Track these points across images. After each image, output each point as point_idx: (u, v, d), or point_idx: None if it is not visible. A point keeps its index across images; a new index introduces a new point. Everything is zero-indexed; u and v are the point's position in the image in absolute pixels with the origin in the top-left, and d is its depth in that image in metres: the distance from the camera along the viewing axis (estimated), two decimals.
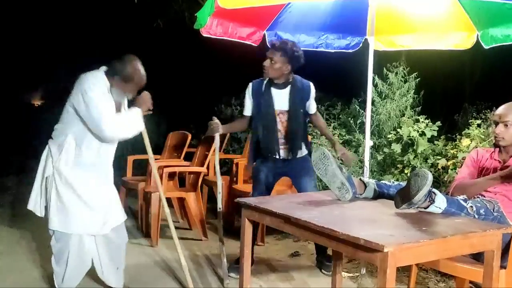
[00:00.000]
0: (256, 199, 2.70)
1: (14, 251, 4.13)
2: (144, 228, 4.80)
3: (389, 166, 4.95)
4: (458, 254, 2.20)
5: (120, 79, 2.87)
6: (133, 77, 2.89)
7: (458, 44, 3.98)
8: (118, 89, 2.90)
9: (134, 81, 2.90)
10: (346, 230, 1.86)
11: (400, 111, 5.37)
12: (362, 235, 1.78)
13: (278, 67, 3.44)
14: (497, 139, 2.63)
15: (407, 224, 2.05)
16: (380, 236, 1.79)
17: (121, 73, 2.86)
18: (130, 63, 2.89)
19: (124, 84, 2.89)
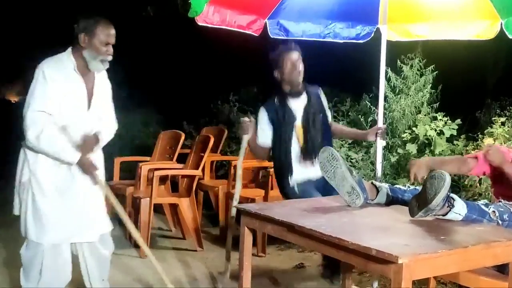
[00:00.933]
0: (256, 205, 2.71)
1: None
2: (133, 237, 4.79)
3: (403, 168, 4.95)
4: (481, 266, 2.20)
5: (85, 35, 2.86)
6: (97, 25, 2.87)
7: (479, 33, 3.97)
8: (89, 50, 2.88)
9: (99, 29, 2.87)
10: (356, 239, 1.86)
11: (416, 107, 5.37)
12: (374, 245, 1.78)
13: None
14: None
15: (423, 233, 2.05)
16: (394, 246, 1.79)
17: (83, 29, 2.87)
18: (87, 17, 2.91)
19: (91, 37, 2.87)
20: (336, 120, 6.35)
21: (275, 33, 4.15)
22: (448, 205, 2.18)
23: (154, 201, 4.54)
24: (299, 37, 4.20)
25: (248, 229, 2.46)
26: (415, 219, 2.22)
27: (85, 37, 2.86)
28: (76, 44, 2.89)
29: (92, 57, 2.89)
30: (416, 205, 2.22)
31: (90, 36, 2.87)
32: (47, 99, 2.79)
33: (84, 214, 2.94)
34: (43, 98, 2.78)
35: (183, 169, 4.99)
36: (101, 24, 2.89)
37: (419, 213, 2.19)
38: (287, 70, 3.47)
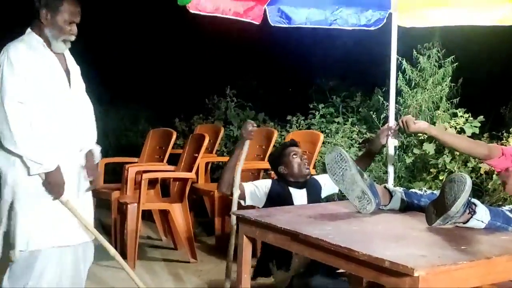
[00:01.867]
0: (256, 211, 2.71)
1: None
2: (119, 246, 4.80)
3: (420, 170, 4.96)
4: (506, 279, 2.20)
5: (47, 11, 2.84)
6: (60, 2, 2.85)
7: (504, 18, 3.97)
8: (51, 28, 2.86)
9: (62, 8, 2.85)
10: (367, 249, 1.87)
11: (434, 103, 5.38)
12: (387, 256, 1.79)
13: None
14: None
15: (442, 242, 2.05)
16: (409, 257, 1.79)
17: (45, 4, 2.84)
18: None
19: (54, 14, 2.84)
20: (345, 116, 6.37)
21: (276, 21, 4.14)
22: (469, 211, 2.18)
23: (143, 207, 4.55)
24: (302, 24, 4.20)
25: (247, 238, 2.47)
26: (432, 227, 2.22)
27: (47, 13, 2.84)
28: (37, 21, 2.87)
29: (54, 36, 2.88)
30: (433, 212, 2.22)
31: (53, 13, 2.84)
32: (20, 87, 2.75)
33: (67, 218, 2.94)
34: (16, 87, 2.75)
35: (174, 171, 5.00)
36: (65, 1, 2.86)
37: (437, 221, 2.20)
38: (293, 164, 3.61)
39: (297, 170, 3.62)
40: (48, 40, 2.90)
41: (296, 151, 3.67)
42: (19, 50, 2.81)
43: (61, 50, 2.96)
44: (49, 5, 2.84)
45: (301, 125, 6.41)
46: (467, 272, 1.84)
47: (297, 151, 3.67)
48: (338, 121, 6.18)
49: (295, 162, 3.60)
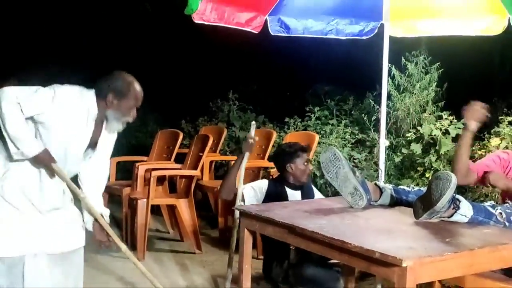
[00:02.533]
0: (257, 206, 2.71)
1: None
2: (129, 239, 4.80)
3: (408, 169, 4.96)
4: (487, 269, 2.21)
5: (115, 96, 2.73)
6: (129, 90, 2.76)
7: (487, 29, 3.98)
8: (115, 112, 2.76)
9: (130, 95, 2.77)
10: (359, 241, 1.87)
11: (421, 106, 5.38)
12: (377, 248, 1.78)
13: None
14: None
15: (428, 235, 2.05)
16: (397, 249, 1.79)
17: (115, 89, 2.73)
18: (121, 76, 2.79)
19: (121, 100, 2.74)
20: (339, 118, 6.36)
21: (276, 30, 4.15)
22: (453, 207, 2.18)
23: (152, 202, 4.55)
24: (301, 34, 4.20)
25: (248, 231, 2.46)
26: (419, 221, 2.22)
27: (113, 99, 2.72)
28: (101, 97, 2.74)
29: (116, 118, 2.77)
30: (420, 207, 2.22)
31: (119, 99, 2.73)
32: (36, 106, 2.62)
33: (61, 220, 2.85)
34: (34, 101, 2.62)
35: (181, 169, 4.99)
36: (134, 90, 2.77)
37: (424, 215, 2.19)
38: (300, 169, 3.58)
39: (301, 176, 3.59)
40: (106, 118, 2.78)
41: (308, 160, 3.66)
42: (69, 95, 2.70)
43: (117, 130, 2.87)
44: (117, 91, 2.72)
45: (298, 127, 6.40)
46: (451, 263, 1.84)
47: (308, 160, 3.66)
48: (332, 123, 6.18)
49: (303, 169, 3.58)
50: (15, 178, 2.73)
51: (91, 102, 2.75)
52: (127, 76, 2.81)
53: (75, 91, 2.75)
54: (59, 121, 2.69)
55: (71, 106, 2.69)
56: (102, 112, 2.78)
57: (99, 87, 2.75)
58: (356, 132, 5.87)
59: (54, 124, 2.69)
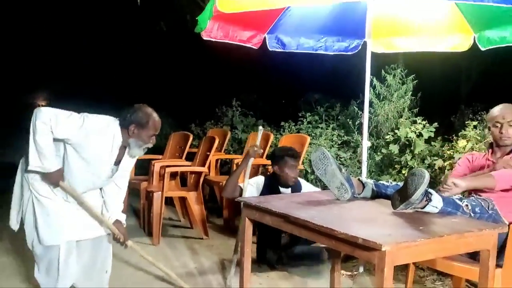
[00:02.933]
0: (256, 198, 2.70)
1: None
2: (146, 226, 4.80)
3: (387, 166, 4.95)
4: (455, 253, 2.21)
5: (136, 127, 2.75)
6: (148, 121, 2.77)
7: (455, 46, 3.99)
8: (136, 140, 2.78)
9: (149, 126, 2.78)
10: (344, 229, 1.86)
11: (398, 112, 5.37)
12: (360, 234, 1.78)
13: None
14: (504, 139, 2.64)
15: (404, 224, 2.05)
16: (378, 235, 1.79)
17: (135, 121, 2.75)
18: (141, 109, 2.80)
19: (141, 130, 2.77)
20: (327, 122, 6.35)
21: (273, 46, 4.16)
22: (426, 199, 2.18)
23: (165, 195, 4.54)
24: (294, 49, 4.21)
25: (249, 220, 2.46)
26: (396, 211, 2.22)
27: (135, 129, 2.74)
28: (124, 127, 2.76)
29: (137, 145, 2.79)
30: (398, 199, 2.22)
31: (140, 129, 2.75)
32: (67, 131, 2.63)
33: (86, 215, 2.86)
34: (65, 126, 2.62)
35: (191, 166, 4.99)
36: (152, 119, 2.79)
37: (400, 206, 2.19)
38: (285, 172, 3.61)
39: (285, 178, 3.61)
40: (128, 145, 2.80)
41: (294, 165, 3.62)
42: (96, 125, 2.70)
43: (138, 156, 2.87)
44: (138, 123, 2.74)
45: (292, 130, 6.40)
46: (424, 248, 1.84)
47: (294, 165, 3.62)
48: (321, 126, 6.17)
49: (287, 173, 3.60)
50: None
51: (116, 131, 2.76)
52: (146, 109, 2.82)
53: (102, 121, 2.76)
54: (86, 145, 2.69)
55: (97, 134, 2.70)
56: (125, 139, 2.80)
57: (122, 118, 2.77)
58: (342, 134, 5.86)
59: (81, 148, 2.70)
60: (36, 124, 2.59)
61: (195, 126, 7.59)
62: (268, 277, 3.58)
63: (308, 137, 5.05)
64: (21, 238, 2.88)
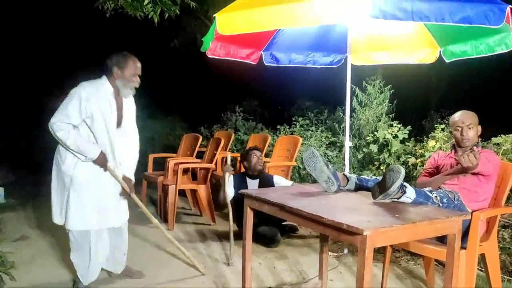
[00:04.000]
0: (256, 190, 2.69)
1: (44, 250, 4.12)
2: (162, 214, 4.79)
3: (367, 163, 4.95)
4: (425, 237, 2.20)
5: (118, 69, 2.76)
6: (127, 61, 2.77)
7: (424, 58, 3.98)
8: (122, 80, 2.78)
9: (129, 64, 2.77)
10: (331, 216, 1.86)
11: (377, 117, 5.37)
12: (345, 221, 1.78)
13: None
14: (464, 141, 2.63)
15: (382, 212, 2.05)
16: (360, 222, 1.78)
17: (116, 64, 2.75)
18: (117, 53, 2.81)
19: (123, 70, 2.76)
20: (316, 126, 6.35)
21: (269, 61, 4.15)
22: (401, 191, 2.18)
23: (179, 187, 4.54)
24: (287, 64, 4.21)
25: (250, 209, 2.46)
26: (376, 201, 2.21)
27: (117, 70, 2.76)
28: (109, 74, 2.78)
29: (124, 85, 2.80)
30: (377, 191, 2.21)
31: (122, 69, 2.77)
32: (76, 116, 2.65)
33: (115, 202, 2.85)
34: (72, 115, 2.64)
35: (200, 163, 4.98)
36: (131, 59, 2.80)
37: (379, 197, 2.19)
38: (250, 161, 3.92)
39: (252, 165, 3.91)
40: (118, 89, 2.80)
41: (255, 153, 3.93)
42: (89, 91, 2.70)
43: (128, 95, 2.87)
44: (118, 63, 2.77)
45: (287, 132, 6.40)
46: (399, 233, 1.83)
47: (256, 154, 3.93)
48: (312, 129, 6.17)
49: (252, 161, 3.91)
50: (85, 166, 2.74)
51: (105, 84, 2.77)
52: (123, 53, 2.83)
53: (91, 84, 2.74)
54: (95, 110, 2.70)
55: (95, 97, 2.70)
56: (114, 85, 2.79)
57: (105, 67, 2.79)
58: (330, 136, 5.86)
59: (94, 114, 2.70)
60: (58, 136, 2.65)
61: (204, 129, 7.59)
62: (266, 257, 3.57)
63: (301, 139, 5.04)
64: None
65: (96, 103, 2.70)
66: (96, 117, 2.72)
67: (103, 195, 2.80)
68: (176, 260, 3.49)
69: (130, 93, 2.86)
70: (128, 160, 2.92)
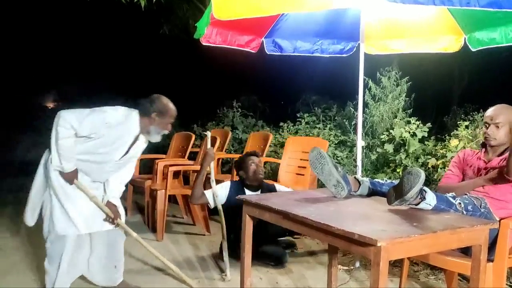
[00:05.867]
0: (256, 196, 2.70)
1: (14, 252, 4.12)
2: (150, 223, 4.79)
3: (382, 165, 4.95)
4: (448, 248, 2.20)
5: (157, 115, 2.92)
6: (168, 110, 2.95)
7: (446, 47, 3.98)
8: (157, 125, 2.94)
9: (169, 114, 2.96)
10: (341, 225, 1.86)
11: (393, 113, 5.37)
12: (356, 230, 1.77)
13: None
14: (489, 140, 2.63)
15: (399, 220, 2.04)
16: (373, 231, 1.78)
17: (157, 109, 2.91)
18: (160, 98, 2.96)
19: (161, 118, 2.93)
20: (324, 123, 6.35)
21: (271, 50, 4.16)
22: (420, 196, 2.17)
23: (169, 192, 4.54)
24: (291, 53, 4.21)
25: (249, 217, 2.46)
26: (391, 207, 2.21)
27: (156, 116, 2.91)
28: (144, 115, 2.91)
29: (157, 132, 2.96)
30: (393, 195, 2.21)
31: (161, 117, 2.92)
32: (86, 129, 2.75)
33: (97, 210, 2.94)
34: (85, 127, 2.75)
35: (193, 165, 4.98)
36: (172, 108, 2.96)
37: (395, 202, 2.19)
38: (250, 171, 3.65)
39: (251, 175, 3.63)
40: (149, 132, 2.94)
41: (253, 160, 3.66)
42: (115, 119, 2.82)
43: (156, 141, 3.02)
44: (160, 111, 2.91)
45: (291, 130, 6.39)
46: (418, 243, 1.83)
47: (254, 160, 3.66)
48: (319, 127, 6.17)
49: (251, 169, 3.63)
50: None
51: (134, 122, 2.91)
52: (164, 98, 3.00)
53: (121, 113, 2.89)
54: (106, 137, 2.82)
55: (117, 127, 2.84)
56: (143, 127, 2.94)
57: (143, 108, 2.93)
58: (339, 134, 5.86)
59: (102, 139, 2.83)
60: (58, 130, 2.73)
61: (197, 127, 7.59)
62: (268, 272, 3.57)
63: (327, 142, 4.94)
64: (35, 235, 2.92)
65: (114, 135, 2.84)
66: (105, 143, 2.84)
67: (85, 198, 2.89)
68: (165, 275, 3.48)
69: (158, 139, 3.03)
70: (115, 190, 3.04)
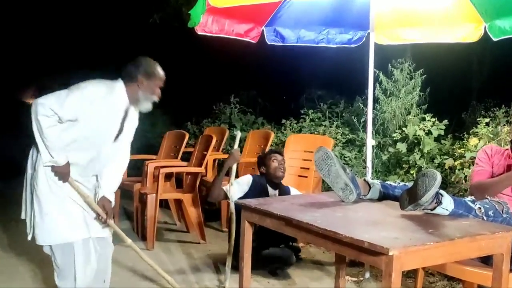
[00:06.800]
0: (256, 200, 2.69)
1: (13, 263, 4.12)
2: (140, 230, 4.79)
3: (394, 166, 4.95)
4: (466, 257, 2.20)
5: (144, 77, 2.84)
6: (154, 71, 2.88)
7: (465, 36, 3.96)
8: (145, 91, 2.86)
9: (156, 75, 2.88)
10: (349, 232, 1.86)
11: (406, 109, 5.37)
12: (366, 238, 1.77)
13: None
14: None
15: (413, 226, 2.05)
16: (384, 239, 1.78)
17: (143, 71, 2.84)
18: (146, 60, 2.90)
19: (149, 81, 2.85)
20: (330, 120, 6.35)
21: (272, 40, 4.16)
22: (436, 201, 2.17)
23: (160, 197, 4.54)
24: (294, 43, 4.21)
25: (248, 223, 2.46)
26: (405, 212, 2.21)
27: (143, 78, 2.83)
28: (130, 81, 2.83)
29: (146, 97, 2.87)
30: (406, 199, 2.21)
31: (148, 79, 2.84)
32: (69, 111, 2.67)
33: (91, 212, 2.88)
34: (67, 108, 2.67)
35: (187, 167, 4.99)
36: (159, 68, 2.90)
37: (409, 207, 2.19)
38: (272, 167, 3.89)
39: (273, 171, 3.88)
40: (138, 100, 2.87)
41: (276, 157, 3.93)
42: (98, 94, 2.74)
43: (146, 110, 2.94)
44: (146, 72, 2.83)
45: (294, 128, 6.40)
46: (433, 252, 1.83)
47: (277, 157, 3.93)
48: (325, 124, 6.17)
49: (272, 165, 3.88)
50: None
51: (121, 93, 2.82)
52: (151, 60, 2.91)
53: (103, 87, 2.79)
54: (93, 116, 2.72)
55: (102, 102, 2.74)
56: (132, 96, 2.85)
57: (129, 72, 2.84)
58: (347, 132, 5.86)
59: (88, 120, 2.73)
60: (40, 119, 2.65)
61: (191, 125, 7.60)
62: (269, 283, 3.58)
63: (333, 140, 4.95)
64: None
65: (99, 111, 2.73)
66: (94, 125, 2.75)
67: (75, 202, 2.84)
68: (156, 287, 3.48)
69: (148, 107, 2.94)
70: (112, 181, 2.96)
